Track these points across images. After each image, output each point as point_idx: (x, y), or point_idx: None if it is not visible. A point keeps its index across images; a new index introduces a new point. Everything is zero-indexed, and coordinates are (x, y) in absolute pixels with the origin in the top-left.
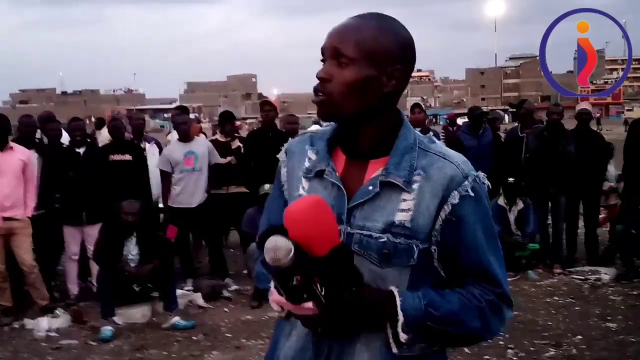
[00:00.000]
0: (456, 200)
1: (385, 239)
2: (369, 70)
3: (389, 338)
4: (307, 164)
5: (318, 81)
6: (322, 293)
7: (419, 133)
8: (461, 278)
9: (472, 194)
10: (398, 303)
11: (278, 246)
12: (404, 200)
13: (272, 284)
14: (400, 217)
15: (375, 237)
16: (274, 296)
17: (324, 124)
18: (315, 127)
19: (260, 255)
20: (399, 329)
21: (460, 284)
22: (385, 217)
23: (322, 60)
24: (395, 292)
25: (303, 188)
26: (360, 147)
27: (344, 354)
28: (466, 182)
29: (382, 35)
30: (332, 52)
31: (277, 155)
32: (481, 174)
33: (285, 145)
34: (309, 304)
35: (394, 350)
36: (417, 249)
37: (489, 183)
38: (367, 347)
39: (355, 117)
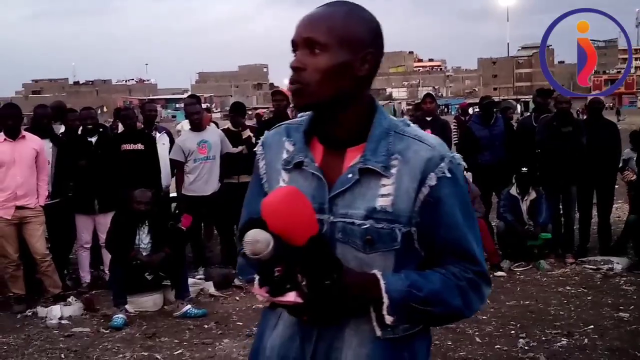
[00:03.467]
0: (434, 182)
1: (368, 225)
2: (343, 56)
3: (372, 321)
4: (285, 155)
5: (292, 72)
6: (304, 283)
7: (393, 117)
8: (441, 258)
9: (449, 175)
10: (382, 286)
11: (257, 239)
12: (384, 185)
13: (256, 276)
14: (381, 202)
15: (357, 224)
16: (256, 288)
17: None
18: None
19: (241, 247)
20: (384, 312)
21: (439, 263)
22: (367, 203)
23: (293, 52)
24: (379, 275)
25: (283, 180)
26: (337, 135)
27: (335, 340)
28: (443, 164)
29: (352, 21)
30: (303, 41)
31: (255, 149)
32: (457, 155)
33: (262, 138)
34: (292, 295)
35: (378, 332)
36: (400, 232)
37: (464, 164)
38: (355, 331)
39: (332, 103)
